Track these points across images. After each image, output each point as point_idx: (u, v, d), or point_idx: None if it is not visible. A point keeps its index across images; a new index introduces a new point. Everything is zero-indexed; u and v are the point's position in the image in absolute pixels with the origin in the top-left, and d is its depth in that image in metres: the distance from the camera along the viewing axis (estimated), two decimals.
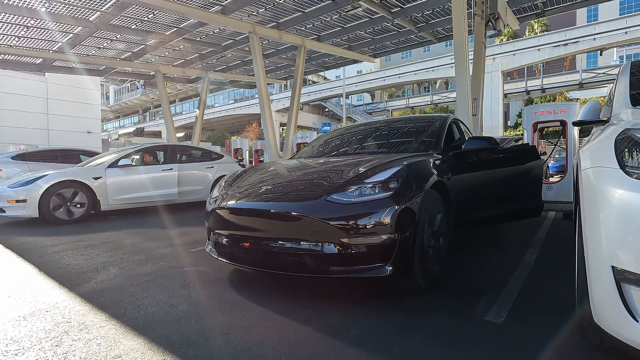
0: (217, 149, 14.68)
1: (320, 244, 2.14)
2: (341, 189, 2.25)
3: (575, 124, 2.43)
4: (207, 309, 2.19)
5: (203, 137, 28.95)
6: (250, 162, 14.48)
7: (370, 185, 2.24)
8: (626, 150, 1.31)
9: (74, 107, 21.39)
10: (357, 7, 9.45)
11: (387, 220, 2.11)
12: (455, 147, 3.29)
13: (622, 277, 1.17)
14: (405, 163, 2.46)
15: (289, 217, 2.23)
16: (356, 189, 2.23)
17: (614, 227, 1.21)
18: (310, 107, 42.52)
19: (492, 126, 25.14)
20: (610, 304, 1.21)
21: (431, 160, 2.78)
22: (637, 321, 1.14)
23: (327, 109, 43.07)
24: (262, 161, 13.91)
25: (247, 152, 13.75)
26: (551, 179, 10.62)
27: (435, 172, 2.59)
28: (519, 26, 11.53)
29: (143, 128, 39.67)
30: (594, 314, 1.31)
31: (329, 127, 30.18)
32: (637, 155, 1.27)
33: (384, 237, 2.10)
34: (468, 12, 7.92)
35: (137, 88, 47.45)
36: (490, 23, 8.15)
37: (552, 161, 12.65)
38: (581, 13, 31.58)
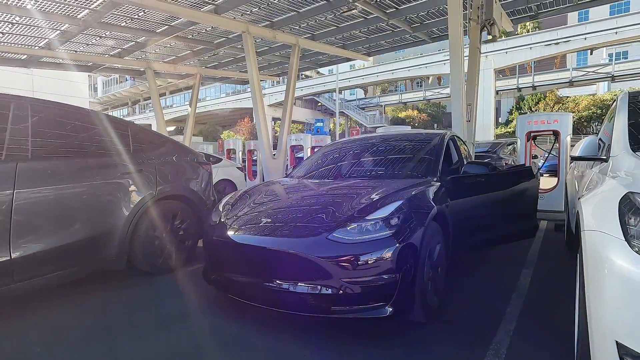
0: (210, 148, 14.51)
1: (320, 284, 2.13)
2: (342, 226, 2.24)
3: (573, 158, 2.46)
4: (201, 342, 2.19)
5: (194, 130, 28.56)
6: (243, 160, 14.33)
7: (372, 222, 2.23)
8: (631, 219, 1.32)
9: (61, 101, 20.88)
10: (353, 9, 9.37)
11: (388, 258, 2.11)
12: (453, 170, 3.30)
13: (625, 353, 1.19)
14: (406, 197, 2.46)
15: (289, 255, 2.21)
16: (357, 226, 2.23)
17: (619, 303, 1.22)
18: (303, 101, 42.27)
19: (484, 124, 25.31)
20: None
21: (430, 189, 2.77)
22: None
23: (319, 104, 42.88)
24: (255, 160, 13.80)
25: (240, 152, 13.60)
26: (542, 183, 10.74)
27: (435, 205, 2.59)
28: (512, 28, 11.55)
29: (132, 122, 38.99)
30: None
31: (321, 123, 30.14)
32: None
33: (385, 277, 2.10)
34: (464, 13, 7.87)
35: (127, 80, 46.56)
36: (485, 28, 8.14)
37: (542, 160, 12.79)
38: (572, 13, 31.71)
